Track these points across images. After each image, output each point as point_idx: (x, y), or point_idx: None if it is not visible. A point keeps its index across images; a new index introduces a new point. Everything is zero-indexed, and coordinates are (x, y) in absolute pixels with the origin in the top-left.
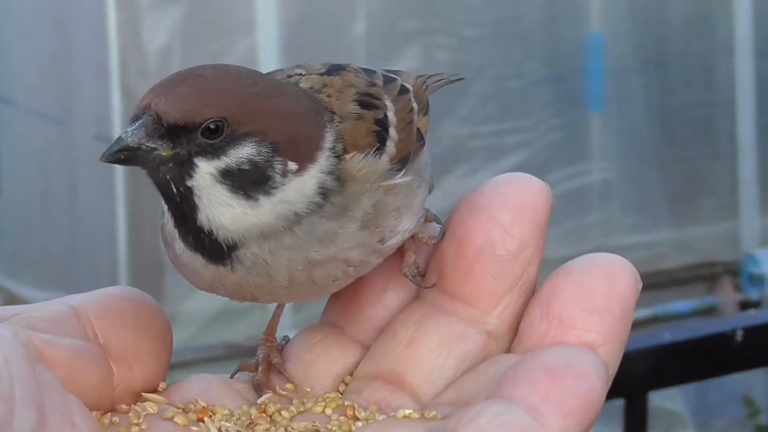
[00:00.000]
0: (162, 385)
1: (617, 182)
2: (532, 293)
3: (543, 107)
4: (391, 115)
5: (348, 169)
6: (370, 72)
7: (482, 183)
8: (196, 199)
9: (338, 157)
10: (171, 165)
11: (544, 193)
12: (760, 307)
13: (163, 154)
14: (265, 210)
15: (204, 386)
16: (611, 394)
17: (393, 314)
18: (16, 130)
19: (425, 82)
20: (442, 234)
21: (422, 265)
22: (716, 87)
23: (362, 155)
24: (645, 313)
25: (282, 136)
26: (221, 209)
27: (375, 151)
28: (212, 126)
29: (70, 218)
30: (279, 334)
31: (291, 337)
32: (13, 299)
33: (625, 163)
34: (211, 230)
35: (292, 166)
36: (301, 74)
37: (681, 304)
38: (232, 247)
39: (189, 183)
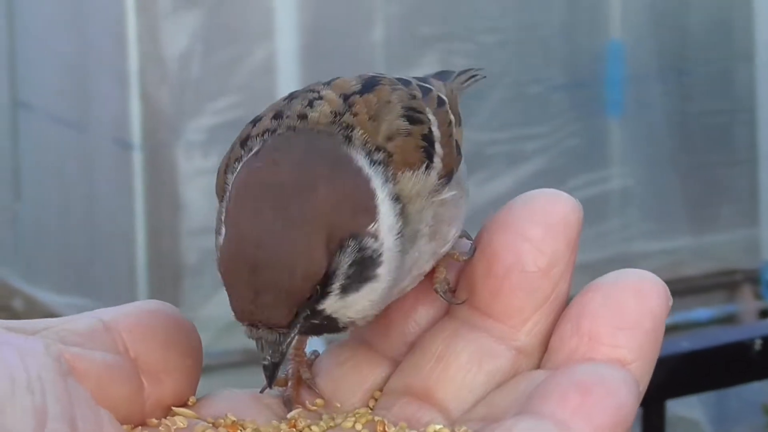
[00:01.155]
0: (192, 399)
1: (636, 189)
2: (562, 309)
3: (562, 113)
4: (436, 130)
5: (402, 189)
6: (405, 82)
7: (511, 199)
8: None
9: (395, 196)
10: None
11: (575, 210)
12: None
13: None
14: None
15: (234, 401)
16: None
17: (423, 330)
18: (35, 135)
19: (453, 89)
20: (473, 251)
21: (453, 282)
22: (736, 93)
23: (412, 172)
24: None
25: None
26: (353, 310)
27: (425, 168)
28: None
29: (89, 223)
30: (308, 349)
31: (320, 352)
32: (31, 304)
33: (644, 170)
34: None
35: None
36: (321, 98)
37: (700, 311)
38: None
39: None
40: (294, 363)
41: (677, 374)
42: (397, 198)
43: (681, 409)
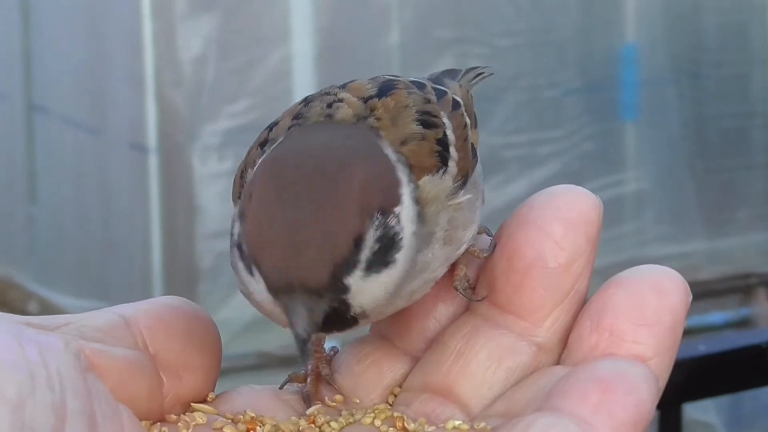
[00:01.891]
0: (211, 396)
1: (651, 192)
2: (582, 306)
3: (577, 117)
4: (450, 134)
5: (420, 192)
6: (420, 86)
7: (532, 195)
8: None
9: (415, 189)
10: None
11: (595, 206)
12: None
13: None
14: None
15: (253, 397)
16: None
17: (443, 326)
18: (51, 138)
19: (468, 90)
20: (493, 247)
21: (473, 279)
22: (751, 97)
23: (430, 176)
24: None
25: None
26: (368, 295)
27: (440, 172)
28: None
29: (105, 227)
30: (327, 346)
31: (339, 348)
32: (47, 307)
33: (659, 174)
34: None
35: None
36: (341, 100)
37: (715, 315)
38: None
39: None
40: (313, 359)
41: (694, 377)
42: (416, 200)
43: (695, 412)
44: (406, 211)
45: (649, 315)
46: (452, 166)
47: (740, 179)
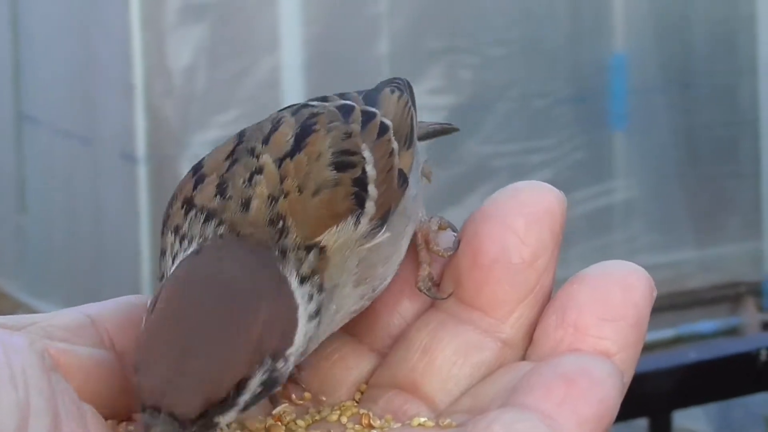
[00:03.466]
0: None
1: (641, 201)
2: (547, 301)
3: (567, 126)
4: (371, 169)
5: (325, 247)
6: (347, 112)
7: (497, 191)
8: None
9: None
10: None
11: (558, 201)
12: None
13: None
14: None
15: None
16: (635, 413)
17: (408, 322)
18: (41, 148)
19: (407, 101)
20: (457, 245)
21: (437, 275)
22: (740, 106)
23: (336, 227)
24: (668, 333)
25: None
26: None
27: (354, 217)
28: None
29: (94, 237)
30: None
31: None
32: None
33: (648, 183)
34: None
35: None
36: (260, 170)
37: (705, 324)
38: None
39: None
40: None
41: (684, 385)
42: (319, 287)
43: (685, 420)
44: (299, 335)
45: (613, 310)
46: (370, 206)
47: (729, 188)
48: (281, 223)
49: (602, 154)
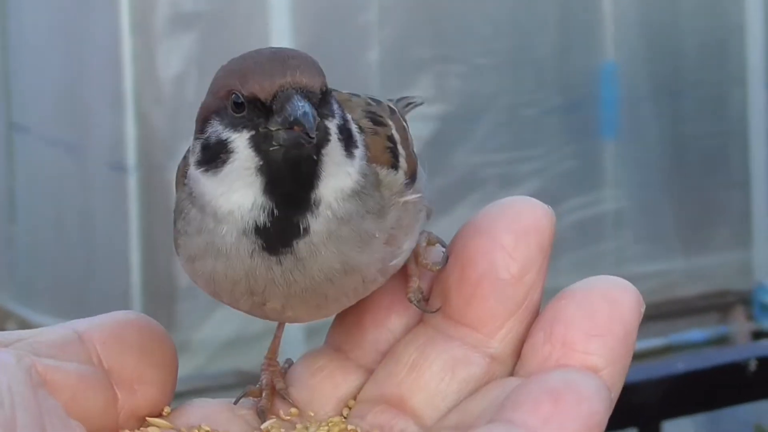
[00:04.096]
0: (167, 410)
1: (630, 211)
2: (535, 316)
3: (556, 136)
4: (395, 133)
5: (378, 174)
6: (355, 96)
7: (485, 206)
8: (320, 165)
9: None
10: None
11: (547, 216)
12: None
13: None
14: (355, 170)
15: (208, 411)
16: (624, 423)
17: (397, 338)
18: (30, 157)
19: (401, 116)
20: (446, 260)
21: (426, 290)
22: (729, 116)
23: (384, 169)
24: (658, 342)
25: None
26: (338, 170)
27: (393, 168)
28: (325, 89)
29: (84, 246)
30: (281, 359)
31: (294, 361)
32: (25, 326)
33: (637, 192)
34: (317, 198)
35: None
36: None
37: (694, 333)
38: (306, 230)
39: (324, 149)
40: (267, 373)
41: (673, 395)
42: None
43: (674, 430)
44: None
45: (600, 325)
46: (403, 162)
47: (718, 198)
48: None
49: (591, 163)
